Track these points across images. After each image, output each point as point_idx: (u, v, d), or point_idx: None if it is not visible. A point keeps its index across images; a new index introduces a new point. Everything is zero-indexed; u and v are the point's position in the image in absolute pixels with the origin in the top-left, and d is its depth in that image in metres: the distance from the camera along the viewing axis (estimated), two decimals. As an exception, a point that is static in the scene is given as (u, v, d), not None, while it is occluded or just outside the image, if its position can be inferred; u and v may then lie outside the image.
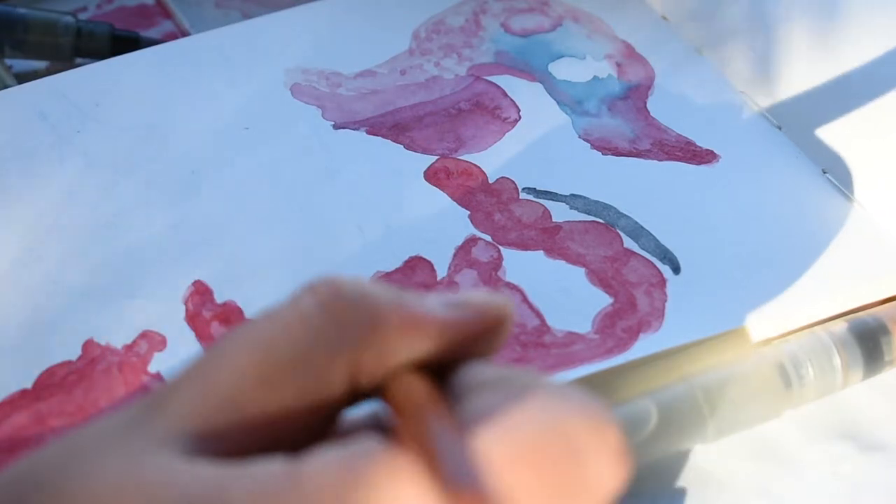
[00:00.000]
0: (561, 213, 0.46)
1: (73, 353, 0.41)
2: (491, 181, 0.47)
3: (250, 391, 0.26)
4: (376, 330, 0.26)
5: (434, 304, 0.27)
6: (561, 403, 0.25)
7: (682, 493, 0.39)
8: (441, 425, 0.25)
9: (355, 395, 0.27)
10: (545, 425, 0.24)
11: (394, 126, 0.49)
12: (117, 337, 0.42)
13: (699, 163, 0.48)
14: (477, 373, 0.27)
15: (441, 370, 0.27)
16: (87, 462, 0.25)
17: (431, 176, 0.47)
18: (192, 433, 0.25)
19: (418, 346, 0.27)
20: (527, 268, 0.44)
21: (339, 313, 0.26)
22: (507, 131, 0.49)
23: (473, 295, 0.28)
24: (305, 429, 0.26)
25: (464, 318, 0.27)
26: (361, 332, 0.26)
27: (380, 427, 0.27)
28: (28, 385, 0.40)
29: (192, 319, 0.42)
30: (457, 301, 0.28)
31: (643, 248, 0.45)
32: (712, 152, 0.48)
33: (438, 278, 0.44)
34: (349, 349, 0.26)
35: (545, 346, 0.41)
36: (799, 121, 0.49)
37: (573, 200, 0.46)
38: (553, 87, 0.51)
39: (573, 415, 0.25)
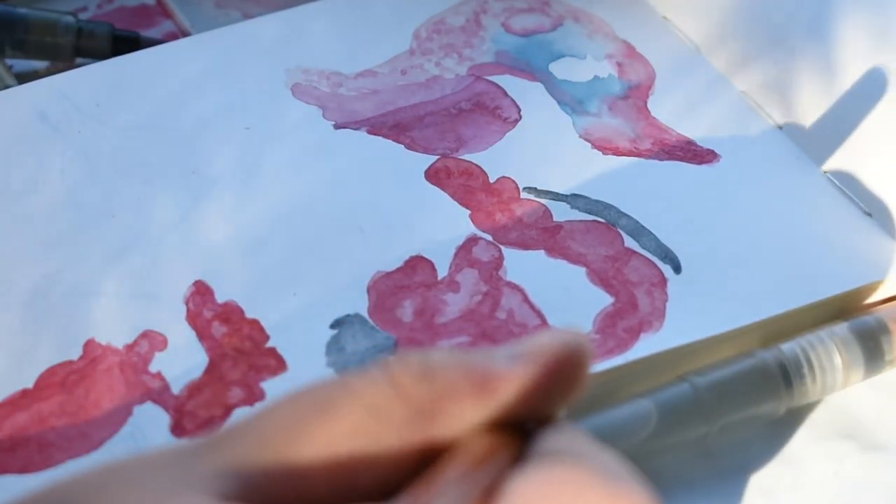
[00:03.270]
0: (562, 212, 0.46)
1: (74, 352, 0.41)
2: (492, 181, 0.47)
3: (313, 454, 0.25)
4: (451, 401, 0.26)
5: (502, 359, 0.27)
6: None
7: (681, 492, 0.39)
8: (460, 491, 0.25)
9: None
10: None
11: (394, 126, 0.49)
12: (118, 337, 0.42)
13: (699, 163, 0.48)
14: (549, 440, 0.26)
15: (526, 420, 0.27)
16: (121, 491, 0.25)
17: (432, 175, 0.47)
18: (236, 478, 0.25)
19: (494, 408, 0.26)
20: (528, 267, 0.44)
21: (410, 386, 0.26)
22: (508, 131, 0.49)
23: (541, 342, 0.27)
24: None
25: (534, 371, 0.26)
26: (435, 404, 0.26)
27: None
28: (29, 385, 0.40)
29: (193, 319, 0.42)
30: (525, 352, 0.27)
31: (644, 248, 0.45)
32: (713, 152, 0.48)
33: (439, 278, 0.44)
34: (422, 423, 0.26)
35: (546, 346, 0.41)
36: (799, 120, 0.49)
37: (574, 200, 0.46)
38: (554, 87, 0.51)
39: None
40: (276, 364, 0.41)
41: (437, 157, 0.48)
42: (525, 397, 0.26)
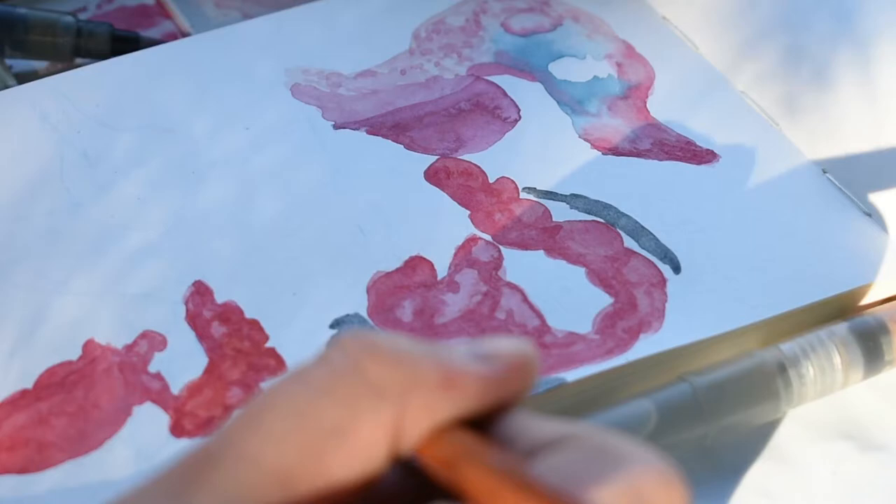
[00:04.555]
0: (561, 212, 0.46)
1: (73, 352, 0.41)
2: (491, 181, 0.47)
3: (295, 463, 0.25)
4: (417, 390, 0.25)
5: (466, 356, 0.26)
6: (644, 471, 0.25)
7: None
8: (512, 462, 0.24)
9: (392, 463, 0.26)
10: (636, 492, 0.24)
11: (394, 126, 0.49)
12: (118, 337, 0.42)
13: (699, 163, 0.48)
14: (538, 428, 0.26)
15: (473, 423, 0.27)
16: None
17: (432, 176, 0.47)
18: None
19: (459, 405, 0.26)
20: (527, 267, 0.44)
21: (376, 374, 0.25)
22: (508, 131, 0.49)
23: (500, 345, 0.27)
24: None
25: (497, 373, 0.26)
26: (402, 392, 0.25)
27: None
28: (29, 385, 0.40)
29: (193, 319, 0.42)
30: (486, 353, 0.27)
31: (643, 248, 0.45)
32: (712, 152, 0.48)
33: (439, 278, 0.44)
34: (391, 412, 0.25)
35: (546, 347, 0.41)
36: (799, 120, 0.49)
37: (573, 200, 0.46)
38: (553, 87, 0.51)
39: (654, 480, 0.25)
40: (276, 364, 0.41)
41: (437, 157, 0.48)
42: (485, 397, 0.26)
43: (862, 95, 0.48)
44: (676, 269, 0.44)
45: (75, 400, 0.40)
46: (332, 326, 0.42)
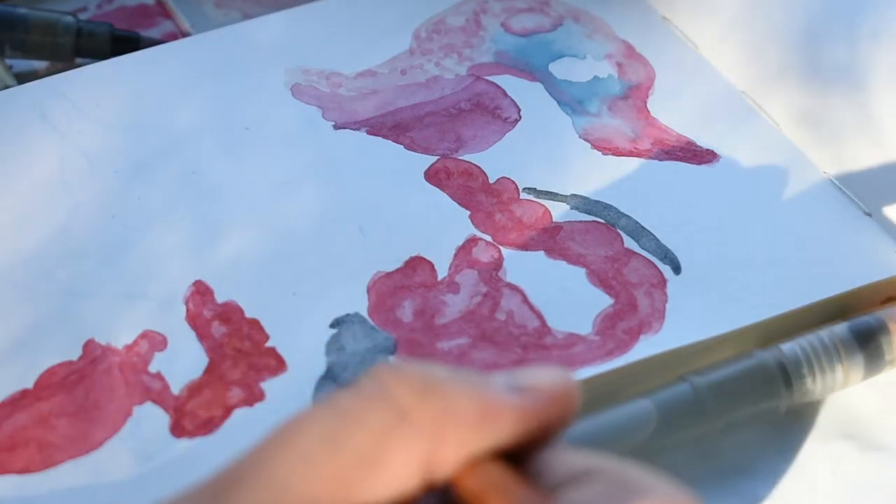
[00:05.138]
0: (561, 213, 0.46)
1: (73, 352, 0.41)
2: (491, 181, 0.47)
3: (323, 489, 0.24)
4: (453, 423, 0.25)
5: (502, 388, 0.26)
6: (666, 503, 0.25)
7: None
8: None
9: (426, 490, 0.26)
10: None
11: (394, 126, 0.49)
12: (118, 337, 0.42)
13: (699, 163, 0.48)
14: (563, 462, 0.26)
15: (511, 456, 0.26)
16: None
17: (432, 176, 0.47)
18: None
19: (495, 437, 0.26)
20: (527, 268, 0.44)
21: (410, 405, 0.25)
22: (508, 131, 0.49)
23: (538, 377, 0.27)
24: None
25: (535, 406, 0.26)
26: (437, 425, 0.25)
27: None
28: (29, 385, 0.40)
29: (193, 319, 0.42)
30: (524, 385, 0.27)
31: (644, 248, 0.45)
32: (712, 152, 0.48)
33: (439, 278, 0.44)
34: (424, 444, 0.25)
35: (546, 348, 0.41)
36: (799, 120, 0.49)
37: (574, 200, 0.46)
38: (553, 87, 0.51)
39: None
40: (276, 364, 0.41)
41: (437, 157, 0.48)
42: (522, 429, 0.26)
43: (862, 95, 0.48)
44: (677, 269, 0.44)
45: (76, 400, 0.40)
46: (332, 326, 0.42)
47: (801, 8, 0.50)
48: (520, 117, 0.49)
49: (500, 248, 0.45)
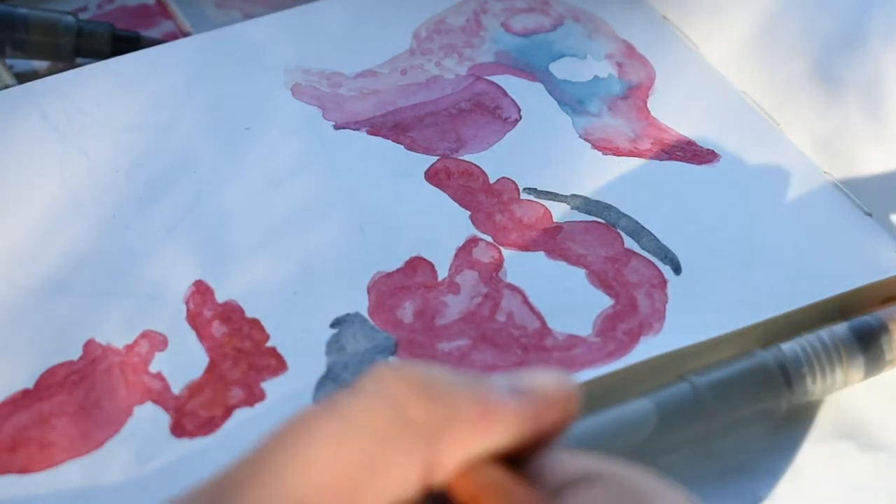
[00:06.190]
0: (562, 213, 0.46)
1: (74, 353, 0.41)
2: (492, 181, 0.47)
3: (325, 496, 0.24)
4: (454, 426, 0.25)
5: (503, 391, 0.26)
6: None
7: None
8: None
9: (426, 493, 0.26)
10: None
11: (394, 126, 0.49)
12: (118, 337, 0.42)
13: (699, 163, 0.48)
14: (562, 465, 0.26)
15: (510, 459, 0.27)
16: None
17: (432, 176, 0.47)
18: None
19: (495, 440, 0.26)
20: (528, 269, 0.44)
21: (412, 409, 0.25)
22: (508, 131, 0.49)
23: (538, 380, 0.27)
24: None
25: (535, 410, 0.26)
26: (438, 428, 0.25)
27: None
28: (30, 385, 0.40)
29: (193, 319, 0.42)
30: (524, 387, 0.27)
31: (644, 249, 0.45)
32: (713, 152, 0.48)
33: (439, 279, 0.44)
34: (426, 448, 0.25)
35: (546, 350, 0.41)
36: (800, 119, 0.49)
37: (574, 200, 0.46)
38: (554, 87, 0.51)
39: None
40: (277, 364, 0.41)
41: (437, 157, 0.48)
42: (522, 432, 0.26)
43: (863, 94, 0.48)
44: (677, 269, 0.44)
45: (76, 400, 0.40)
46: (332, 326, 0.42)
47: (802, 6, 0.50)
48: (520, 117, 0.49)
49: (501, 248, 0.45)
